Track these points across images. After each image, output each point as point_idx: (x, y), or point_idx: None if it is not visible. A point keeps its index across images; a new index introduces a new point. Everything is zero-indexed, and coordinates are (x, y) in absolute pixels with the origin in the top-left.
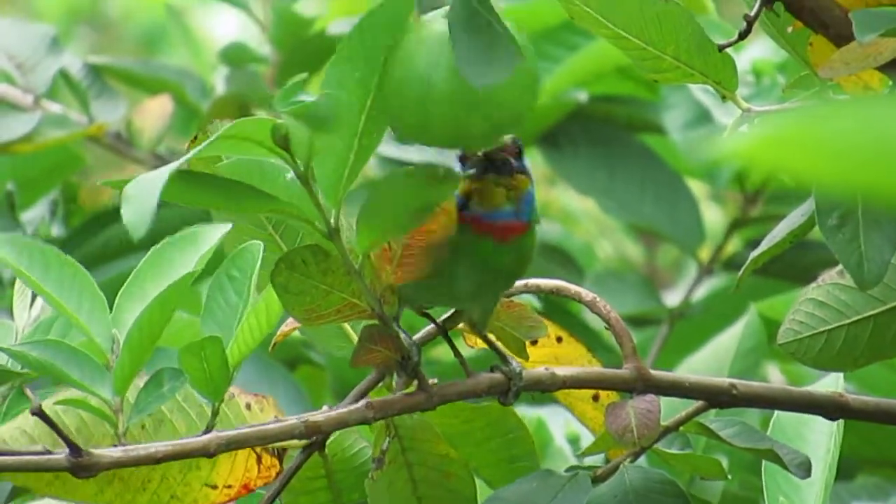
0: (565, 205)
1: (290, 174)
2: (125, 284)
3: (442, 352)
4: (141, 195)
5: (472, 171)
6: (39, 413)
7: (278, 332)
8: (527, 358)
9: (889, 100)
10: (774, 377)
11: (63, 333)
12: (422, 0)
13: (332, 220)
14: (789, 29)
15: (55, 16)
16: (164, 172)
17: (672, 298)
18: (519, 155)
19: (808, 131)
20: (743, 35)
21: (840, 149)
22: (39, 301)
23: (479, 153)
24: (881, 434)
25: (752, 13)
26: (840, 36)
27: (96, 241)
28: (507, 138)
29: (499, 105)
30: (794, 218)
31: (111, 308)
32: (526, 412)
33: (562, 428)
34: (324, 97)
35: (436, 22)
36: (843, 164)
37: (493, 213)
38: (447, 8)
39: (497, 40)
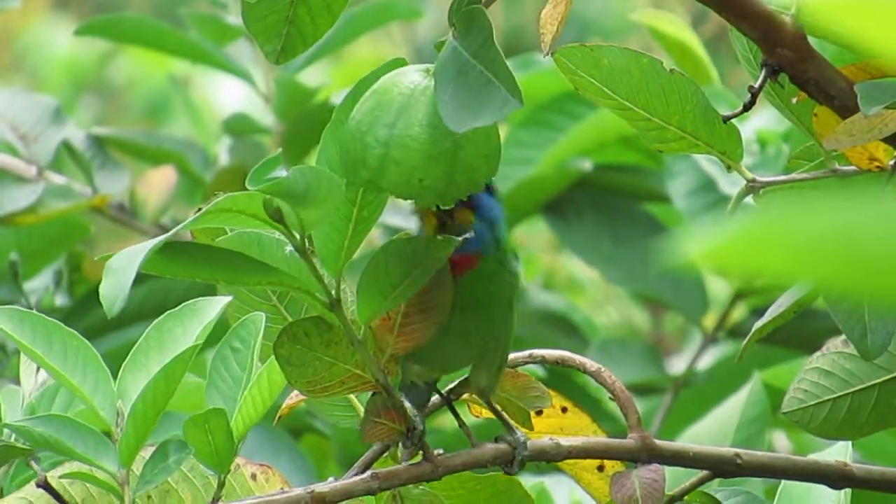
0: (571, 272)
1: (289, 247)
2: (128, 357)
3: (445, 421)
4: (120, 270)
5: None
6: (45, 486)
7: (283, 405)
8: (532, 428)
9: (857, 203)
10: (781, 444)
11: (69, 400)
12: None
13: (333, 291)
14: (794, 100)
15: (60, 83)
16: (146, 247)
17: (677, 366)
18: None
19: (776, 232)
20: (748, 107)
21: (811, 250)
22: None
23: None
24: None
25: (757, 85)
26: (845, 107)
27: (100, 311)
28: None
29: (458, 163)
30: (798, 289)
31: (114, 379)
32: (529, 480)
33: (566, 496)
34: (296, 171)
35: (413, 73)
36: (813, 265)
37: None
38: (426, 65)
39: (488, 87)
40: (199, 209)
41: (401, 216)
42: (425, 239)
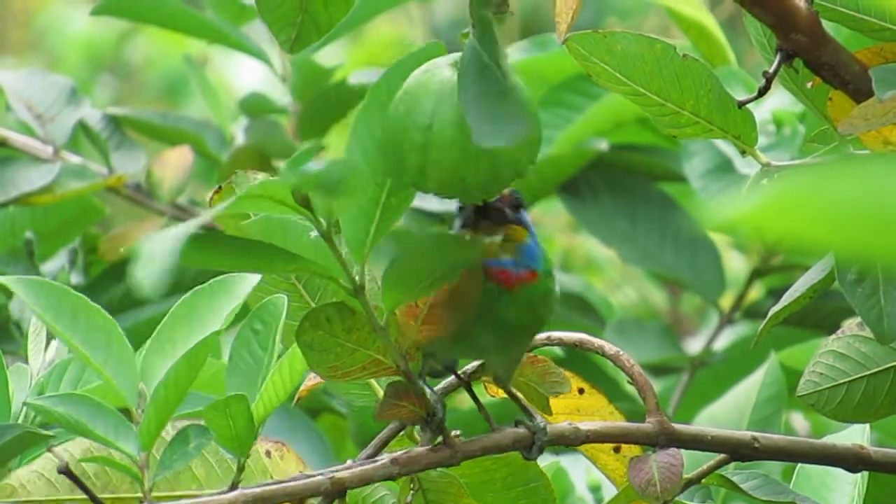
0: (589, 252)
1: (314, 232)
2: (154, 335)
3: (461, 399)
4: (157, 254)
5: (464, 220)
6: (66, 472)
7: (301, 388)
8: (550, 413)
9: (891, 165)
10: (798, 424)
11: (78, 376)
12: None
13: (356, 278)
14: (809, 84)
15: (77, 63)
16: (182, 232)
17: (694, 346)
18: (517, 207)
19: (811, 197)
20: (762, 91)
21: (843, 215)
22: (54, 344)
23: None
24: None
25: (772, 70)
26: (860, 91)
27: (115, 292)
28: (506, 190)
29: (500, 157)
30: (814, 273)
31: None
32: (546, 459)
33: (583, 475)
34: (334, 163)
35: (443, 68)
36: (846, 230)
37: (491, 261)
38: (456, 55)
39: (506, 99)
40: (219, 188)
41: (426, 199)
42: (456, 237)
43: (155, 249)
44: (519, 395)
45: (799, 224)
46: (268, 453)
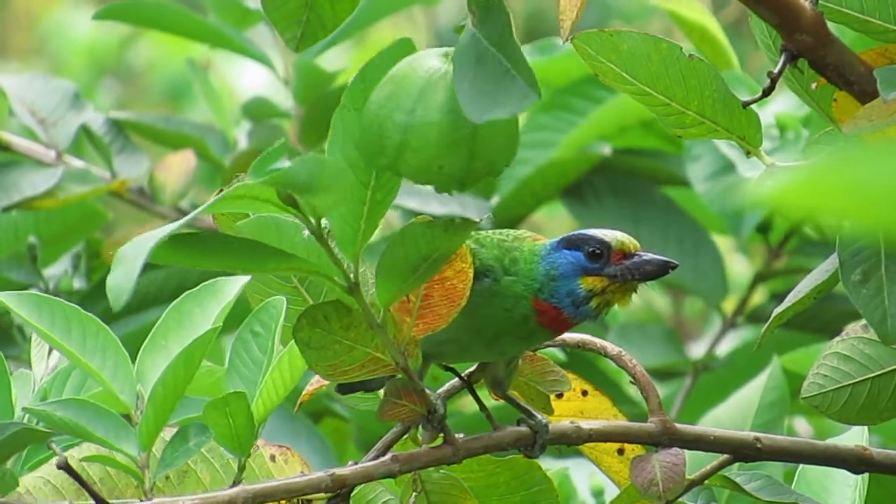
0: None
1: (307, 231)
2: (147, 339)
3: (465, 403)
4: (129, 260)
5: (618, 271)
6: (66, 468)
7: (304, 392)
8: (552, 412)
9: None
10: (801, 428)
11: (81, 383)
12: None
13: (351, 275)
14: (814, 85)
15: (80, 67)
16: (155, 237)
17: (697, 350)
18: None
19: (832, 177)
20: (767, 92)
21: (863, 194)
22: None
23: (628, 252)
24: None
25: (776, 70)
26: (865, 92)
27: None
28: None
29: (479, 150)
30: (818, 274)
31: (133, 361)
32: (550, 465)
33: (586, 480)
34: (298, 161)
35: (431, 58)
36: (866, 209)
37: (570, 310)
38: (445, 49)
39: (507, 77)
40: (220, 191)
41: (418, 198)
42: (443, 223)
43: (130, 254)
44: (518, 397)
45: (822, 202)
46: (272, 458)
